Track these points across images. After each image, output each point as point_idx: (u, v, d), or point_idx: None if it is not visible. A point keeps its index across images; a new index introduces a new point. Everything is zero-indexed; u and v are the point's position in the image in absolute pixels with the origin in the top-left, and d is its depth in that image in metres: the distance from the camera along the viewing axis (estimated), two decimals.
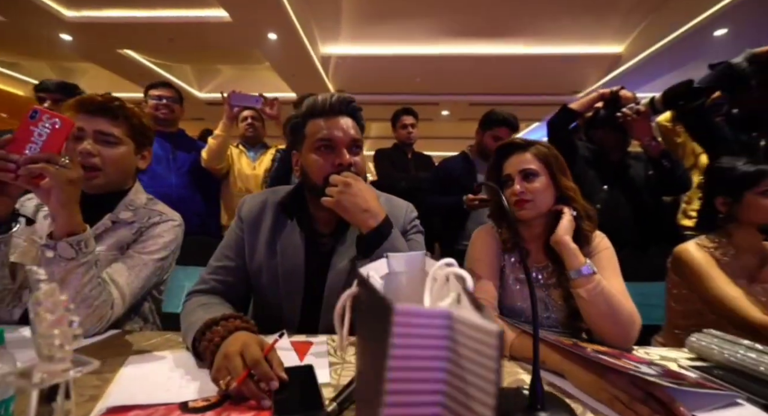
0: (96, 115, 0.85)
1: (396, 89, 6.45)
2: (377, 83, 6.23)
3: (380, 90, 6.40)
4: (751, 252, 0.97)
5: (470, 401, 0.16)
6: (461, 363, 0.17)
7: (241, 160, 1.87)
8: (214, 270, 0.83)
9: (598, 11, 4.47)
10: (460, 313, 0.17)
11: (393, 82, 6.22)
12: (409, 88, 6.46)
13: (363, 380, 0.26)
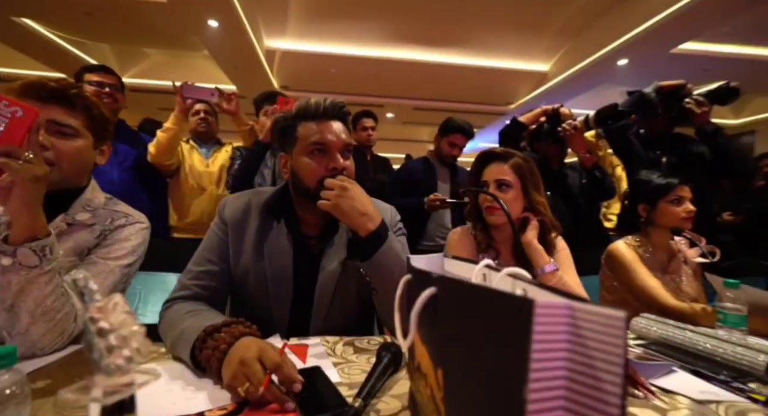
0: (49, 103, 0.74)
1: (341, 89, 6.43)
2: (323, 82, 6.16)
3: (325, 89, 6.33)
4: (663, 250, 1.18)
5: (600, 383, 0.20)
6: (586, 351, 0.21)
7: (193, 156, 1.73)
8: (196, 275, 0.78)
9: (530, 31, 4.94)
10: (576, 303, 0.22)
11: (338, 82, 6.21)
12: (354, 88, 6.49)
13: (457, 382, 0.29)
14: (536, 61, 5.78)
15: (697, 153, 1.51)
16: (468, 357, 0.26)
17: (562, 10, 4.50)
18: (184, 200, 1.67)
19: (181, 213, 1.67)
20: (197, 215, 1.66)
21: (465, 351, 0.27)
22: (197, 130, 1.79)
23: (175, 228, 1.69)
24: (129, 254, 0.80)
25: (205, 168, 1.73)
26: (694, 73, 5.28)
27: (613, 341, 0.20)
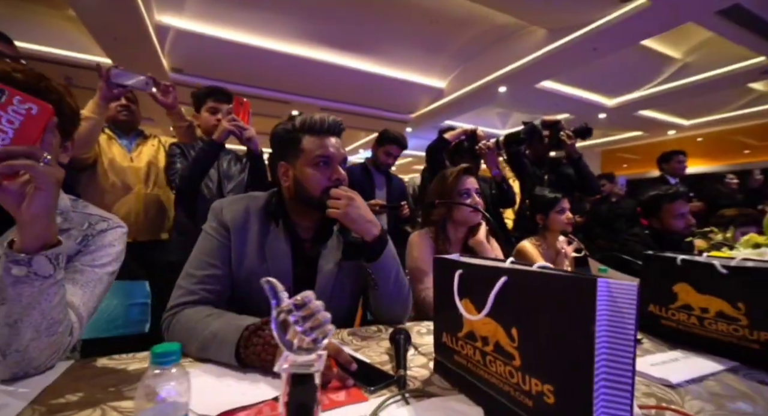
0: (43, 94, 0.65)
1: (244, 80, 6.06)
2: (224, 70, 5.69)
3: (226, 77, 5.86)
4: (553, 248, 1.59)
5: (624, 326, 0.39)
6: (616, 306, 0.40)
7: (113, 149, 1.49)
8: (201, 279, 0.77)
9: (432, 51, 5.52)
10: (610, 280, 0.41)
11: (242, 73, 5.83)
12: (259, 81, 6.18)
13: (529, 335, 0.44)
14: (435, 77, 6.45)
15: (566, 173, 2.04)
16: (540, 319, 0.43)
17: (457, 37, 5.16)
18: (104, 198, 1.43)
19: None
20: (122, 215, 1.45)
21: (536, 316, 0.44)
22: (117, 119, 1.54)
23: None
24: (114, 260, 0.75)
25: (129, 163, 1.51)
26: (550, 105, 6.70)
27: (630, 299, 0.39)
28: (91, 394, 0.54)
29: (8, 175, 0.50)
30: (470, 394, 0.55)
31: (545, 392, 0.41)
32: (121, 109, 1.56)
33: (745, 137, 7.32)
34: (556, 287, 0.42)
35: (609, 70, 5.30)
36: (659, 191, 1.63)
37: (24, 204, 0.52)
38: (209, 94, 1.58)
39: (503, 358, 0.48)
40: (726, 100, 6.43)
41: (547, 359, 0.42)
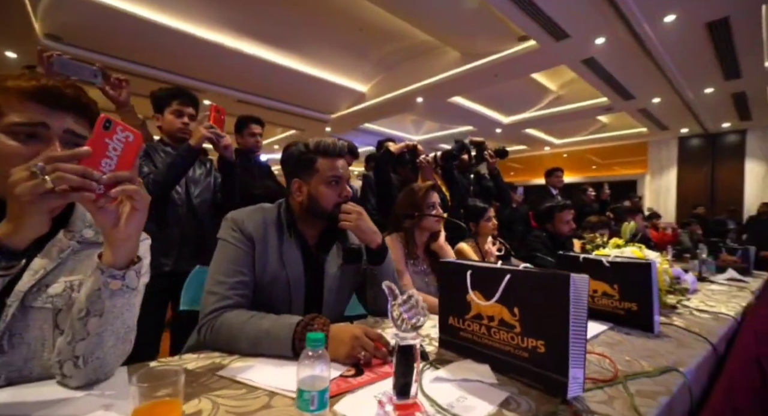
0: (66, 111, 0.65)
1: (147, 60, 5.39)
2: (117, 45, 4.96)
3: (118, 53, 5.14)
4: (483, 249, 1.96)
5: (579, 312, 0.66)
6: (576, 291, 0.66)
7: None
8: (233, 285, 0.85)
9: (356, 56, 5.73)
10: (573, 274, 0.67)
11: (147, 53, 5.17)
12: (167, 64, 5.56)
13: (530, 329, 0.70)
14: (358, 81, 6.67)
15: (487, 186, 2.48)
16: (533, 300, 0.68)
17: (382, 47, 5.47)
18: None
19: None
20: None
21: (532, 297, 0.69)
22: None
23: None
24: (147, 272, 0.78)
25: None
26: (458, 118, 7.54)
27: (583, 285, 0.67)
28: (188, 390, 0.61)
29: (113, 198, 0.55)
30: (475, 358, 0.78)
31: (538, 346, 0.67)
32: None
33: (593, 156, 9.34)
34: (545, 279, 0.68)
35: (506, 93, 6.24)
36: (553, 203, 2.15)
37: (121, 223, 0.57)
38: (174, 95, 1.50)
39: (506, 329, 0.72)
40: (583, 126, 8.14)
41: (540, 324, 0.67)
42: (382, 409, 0.55)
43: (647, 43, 4.11)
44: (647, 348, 0.93)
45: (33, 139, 0.62)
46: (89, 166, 0.52)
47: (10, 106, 0.61)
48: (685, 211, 7.14)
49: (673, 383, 0.72)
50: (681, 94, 5.58)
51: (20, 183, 0.48)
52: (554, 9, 3.55)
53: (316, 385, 0.50)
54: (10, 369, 0.61)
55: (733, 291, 1.88)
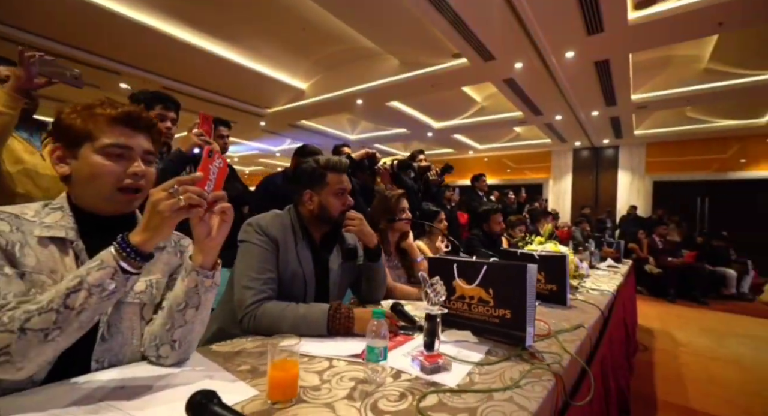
0: (141, 133, 0.76)
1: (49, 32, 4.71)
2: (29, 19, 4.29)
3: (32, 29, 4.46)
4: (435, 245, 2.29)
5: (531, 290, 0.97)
6: (530, 276, 0.97)
7: (13, 144, 1.21)
8: (265, 281, 1.00)
9: (297, 53, 5.72)
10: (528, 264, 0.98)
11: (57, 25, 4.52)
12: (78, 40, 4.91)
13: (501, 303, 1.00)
14: (297, 78, 6.63)
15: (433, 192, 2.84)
16: (502, 283, 0.99)
17: (324, 47, 5.56)
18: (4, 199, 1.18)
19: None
20: None
21: (502, 280, 0.99)
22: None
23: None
24: None
25: (40, 161, 1.28)
26: (394, 121, 7.95)
27: (534, 271, 0.99)
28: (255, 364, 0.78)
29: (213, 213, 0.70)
30: (459, 327, 1.06)
31: (506, 314, 0.97)
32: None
33: (508, 161, 10.59)
34: (511, 269, 0.99)
35: (439, 101, 6.80)
36: (489, 206, 2.59)
37: (213, 233, 0.72)
38: (156, 100, 1.50)
39: (483, 304, 1.02)
40: (501, 134, 9.20)
41: (507, 299, 0.98)
42: (417, 359, 0.79)
43: (553, 71, 4.92)
44: (564, 315, 1.32)
45: (120, 158, 0.72)
46: (199, 187, 0.67)
47: (100, 130, 0.71)
48: (576, 212, 8.56)
49: (581, 334, 1.10)
50: (576, 114, 6.73)
51: (162, 201, 0.61)
52: (484, 35, 4.09)
53: (380, 344, 0.72)
54: (110, 354, 0.71)
55: (611, 274, 2.51)
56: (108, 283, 0.59)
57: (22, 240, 0.65)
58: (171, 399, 0.61)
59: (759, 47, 4.52)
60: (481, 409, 0.63)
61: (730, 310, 4.67)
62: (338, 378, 0.73)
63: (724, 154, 7.80)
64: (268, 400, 0.62)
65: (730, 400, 2.22)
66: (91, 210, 0.74)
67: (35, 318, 0.55)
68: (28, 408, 0.56)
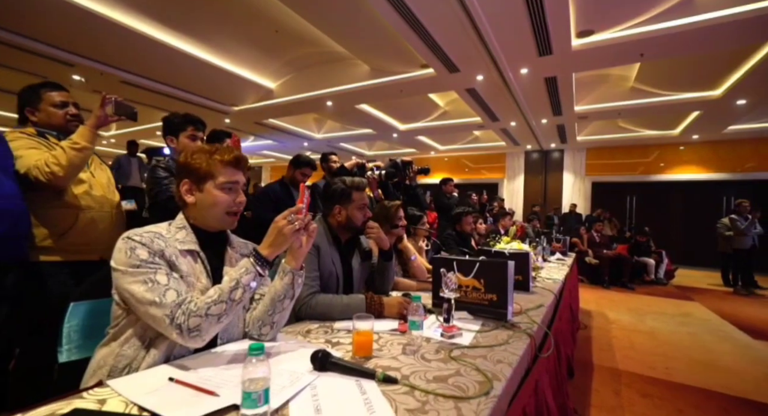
0: (242, 171, 1.02)
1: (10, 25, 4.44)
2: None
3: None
4: (419, 244, 2.64)
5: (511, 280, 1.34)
6: (510, 270, 1.35)
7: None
8: (313, 278, 1.29)
9: (267, 53, 5.80)
10: (508, 261, 1.35)
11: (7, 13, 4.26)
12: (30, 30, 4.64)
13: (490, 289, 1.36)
14: (266, 77, 6.67)
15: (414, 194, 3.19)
16: (491, 274, 1.36)
17: (296, 49, 5.69)
18: (79, 217, 1.34)
19: (60, 231, 1.33)
20: (97, 234, 1.40)
21: (490, 273, 1.36)
22: (66, 129, 1.39)
23: (45, 249, 1.31)
24: None
25: (90, 177, 1.43)
26: (362, 122, 8.21)
27: (512, 266, 1.37)
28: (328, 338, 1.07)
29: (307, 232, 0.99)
30: (457, 309, 1.42)
31: (493, 297, 1.34)
32: (71, 118, 1.42)
33: (467, 161, 11.29)
34: (497, 264, 1.36)
35: (405, 105, 7.19)
36: (461, 210, 3.01)
37: (303, 245, 1.00)
38: (189, 122, 1.68)
39: (476, 291, 1.38)
40: (461, 136, 9.82)
41: (494, 286, 1.35)
42: (439, 329, 1.13)
43: (510, 84, 5.49)
44: (529, 298, 1.73)
45: (230, 191, 0.98)
46: (300, 216, 0.95)
47: (218, 170, 0.96)
48: (528, 209, 9.42)
49: (542, 311, 1.51)
50: (528, 121, 7.45)
51: (285, 226, 0.89)
52: (450, 50, 4.51)
53: (418, 318, 1.05)
54: (227, 333, 0.96)
55: (560, 266, 3.03)
56: (252, 283, 0.86)
57: (174, 253, 0.89)
58: (294, 357, 0.90)
59: (671, 74, 5.42)
60: (489, 355, 0.99)
61: (650, 293, 5.57)
62: (389, 344, 1.05)
63: (648, 159, 9.01)
64: (355, 356, 0.93)
65: (642, 361, 2.83)
66: (203, 228, 0.99)
67: (213, 307, 0.81)
68: (201, 365, 0.82)
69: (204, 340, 0.83)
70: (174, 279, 0.85)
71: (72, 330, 1.05)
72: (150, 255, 0.85)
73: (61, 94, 1.45)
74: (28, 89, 1.43)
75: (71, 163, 1.26)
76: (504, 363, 0.94)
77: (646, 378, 2.51)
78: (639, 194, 9.23)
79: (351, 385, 0.77)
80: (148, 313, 0.80)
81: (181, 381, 0.74)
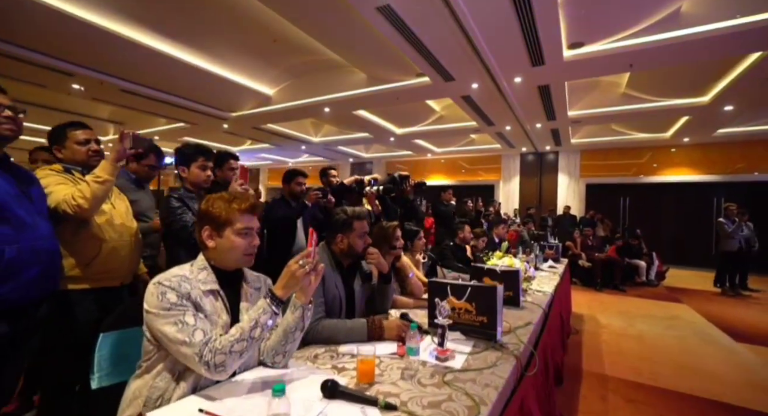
0: (256, 215, 1.13)
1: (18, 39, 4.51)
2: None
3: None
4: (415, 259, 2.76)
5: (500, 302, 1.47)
6: (499, 295, 1.47)
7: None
8: (320, 303, 1.40)
9: (264, 61, 5.87)
10: (497, 285, 1.46)
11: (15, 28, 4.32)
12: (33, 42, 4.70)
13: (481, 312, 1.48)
14: (264, 84, 6.74)
15: (411, 207, 3.31)
16: (482, 297, 1.48)
17: (293, 57, 5.77)
18: (102, 247, 1.46)
19: (86, 260, 1.46)
20: (119, 262, 1.52)
21: (481, 297, 1.48)
22: (88, 164, 1.50)
23: (73, 278, 1.42)
24: None
25: (111, 207, 1.55)
26: (360, 127, 8.31)
27: (501, 291, 1.50)
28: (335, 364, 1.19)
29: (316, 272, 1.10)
30: (450, 330, 1.54)
31: (484, 319, 1.47)
32: (93, 153, 1.54)
33: (463, 162, 11.42)
34: (487, 289, 1.48)
35: (402, 110, 7.30)
36: (460, 220, 3.14)
37: (312, 283, 1.11)
38: (200, 153, 1.79)
39: (468, 313, 1.50)
40: (457, 139, 9.95)
41: (484, 309, 1.47)
42: (433, 353, 1.26)
43: (504, 91, 5.61)
44: (519, 315, 1.86)
45: (246, 236, 1.10)
46: (310, 259, 1.07)
47: (235, 217, 1.08)
48: (524, 211, 9.58)
49: (530, 329, 1.63)
50: (522, 126, 7.58)
51: (298, 270, 1.01)
52: (445, 60, 4.62)
53: (415, 344, 1.17)
54: (244, 363, 1.08)
55: (551, 275, 3.17)
56: (269, 321, 0.98)
57: (198, 294, 1.01)
58: (304, 384, 1.02)
59: (661, 81, 5.56)
60: (478, 379, 1.11)
61: (641, 295, 5.74)
62: (389, 368, 1.17)
63: (641, 160, 9.18)
64: (359, 383, 1.05)
65: (630, 365, 2.97)
66: (222, 268, 1.10)
67: (236, 345, 0.93)
68: (225, 395, 0.94)
69: (228, 374, 0.94)
70: (200, 320, 0.96)
71: (102, 358, 1.17)
72: (179, 298, 0.96)
73: (85, 132, 1.57)
74: (56, 129, 1.55)
75: (95, 195, 1.37)
76: (491, 386, 1.07)
77: (632, 384, 2.65)
78: (632, 195, 9.40)
79: (356, 413, 0.89)
80: (180, 352, 0.91)
81: (210, 412, 0.85)
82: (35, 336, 1.28)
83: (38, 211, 1.23)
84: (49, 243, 1.23)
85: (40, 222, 1.22)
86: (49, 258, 1.22)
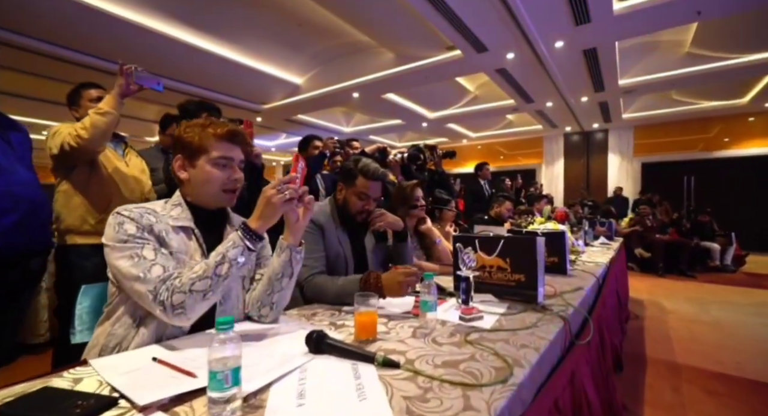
0: (240, 146, 0.95)
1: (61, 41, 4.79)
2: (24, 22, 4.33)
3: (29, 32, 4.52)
4: (444, 229, 2.50)
5: (542, 258, 1.19)
6: (540, 246, 1.19)
7: (107, 152, 1.44)
8: (317, 258, 1.22)
9: (293, 47, 5.81)
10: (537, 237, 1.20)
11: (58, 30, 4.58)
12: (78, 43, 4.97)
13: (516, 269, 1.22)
14: (293, 73, 6.72)
15: (440, 179, 3.05)
16: (517, 253, 1.21)
17: (320, 42, 5.66)
18: (111, 201, 1.43)
19: (97, 212, 1.42)
20: None
21: (516, 251, 1.21)
22: None
23: (84, 233, 1.39)
24: None
25: (126, 168, 1.51)
26: (390, 112, 8.09)
27: (542, 242, 1.22)
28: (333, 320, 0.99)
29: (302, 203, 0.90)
30: (479, 291, 1.29)
31: (521, 278, 1.20)
32: None
33: (501, 147, 10.82)
34: (523, 241, 1.21)
35: (433, 92, 6.97)
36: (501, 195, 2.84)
37: (300, 219, 0.92)
38: (203, 109, 1.68)
39: (501, 271, 1.24)
40: (494, 122, 9.40)
41: (521, 266, 1.20)
42: (458, 311, 1.02)
43: (544, 60, 5.11)
44: (566, 282, 1.55)
45: (225, 167, 0.92)
46: (293, 185, 0.87)
47: (210, 144, 0.90)
48: (569, 195, 8.87)
49: (581, 294, 1.33)
50: (566, 100, 6.95)
51: (275, 196, 0.82)
52: (477, 27, 4.26)
53: (431, 298, 0.94)
54: (224, 314, 0.92)
55: (604, 250, 2.76)
56: (240, 257, 0.79)
57: (165, 228, 0.85)
58: (289, 338, 0.82)
59: (737, 32, 4.76)
60: (512, 340, 0.85)
61: (714, 281, 5.01)
62: (399, 326, 0.95)
63: (708, 134, 8.11)
64: (357, 339, 0.83)
65: (707, 354, 2.51)
66: (200, 206, 0.94)
67: (197, 283, 0.75)
68: (189, 346, 0.77)
69: (189, 318, 0.77)
70: (162, 255, 0.80)
71: (84, 311, 1.05)
72: (138, 230, 0.80)
73: (98, 90, 1.60)
74: (72, 90, 1.63)
75: (95, 125, 1.33)
76: (530, 347, 0.81)
77: (711, 374, 2.21)
78: (698, 174, 8.33)
79: (346, 369, 0.68)
80: (133, 289, 0.76)
81: (163, 361, 0.68)
82: (30, 288, 1.21)
83: (18, 158, 1.16)
84: (31, 191, 1.15)
85: (19, 168, 1.14)
86: (29, 207, 1.13)
